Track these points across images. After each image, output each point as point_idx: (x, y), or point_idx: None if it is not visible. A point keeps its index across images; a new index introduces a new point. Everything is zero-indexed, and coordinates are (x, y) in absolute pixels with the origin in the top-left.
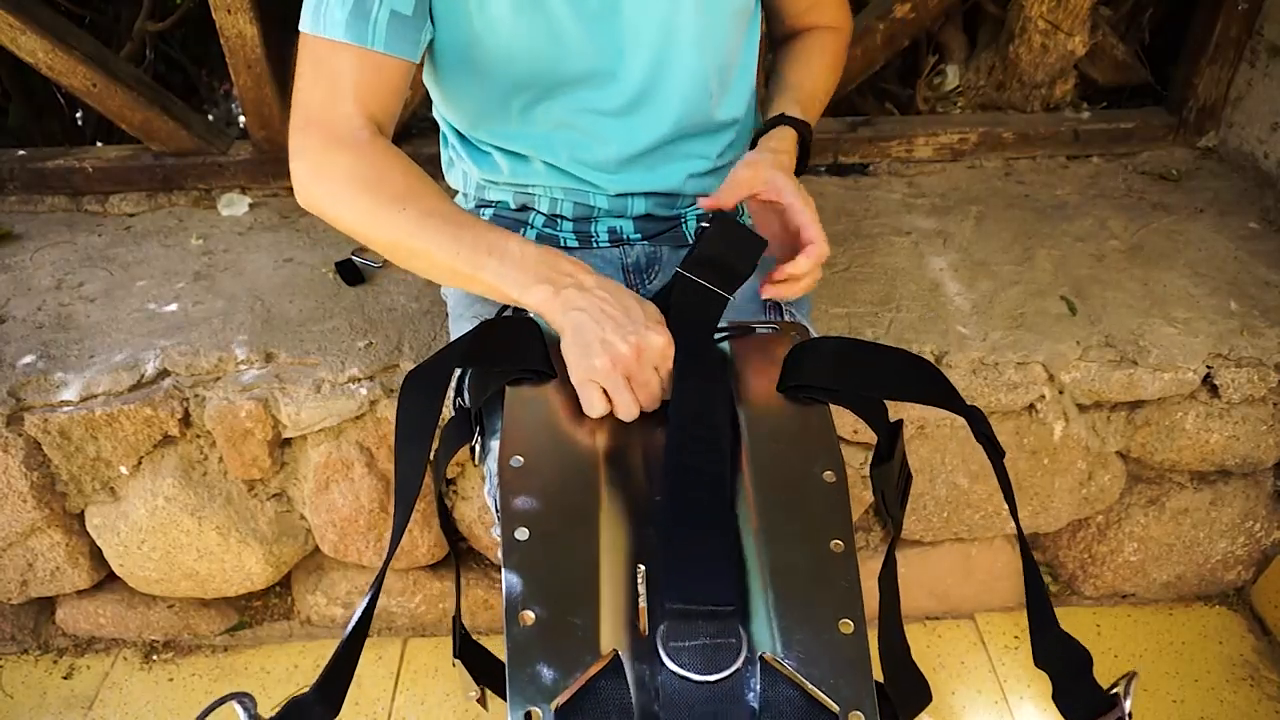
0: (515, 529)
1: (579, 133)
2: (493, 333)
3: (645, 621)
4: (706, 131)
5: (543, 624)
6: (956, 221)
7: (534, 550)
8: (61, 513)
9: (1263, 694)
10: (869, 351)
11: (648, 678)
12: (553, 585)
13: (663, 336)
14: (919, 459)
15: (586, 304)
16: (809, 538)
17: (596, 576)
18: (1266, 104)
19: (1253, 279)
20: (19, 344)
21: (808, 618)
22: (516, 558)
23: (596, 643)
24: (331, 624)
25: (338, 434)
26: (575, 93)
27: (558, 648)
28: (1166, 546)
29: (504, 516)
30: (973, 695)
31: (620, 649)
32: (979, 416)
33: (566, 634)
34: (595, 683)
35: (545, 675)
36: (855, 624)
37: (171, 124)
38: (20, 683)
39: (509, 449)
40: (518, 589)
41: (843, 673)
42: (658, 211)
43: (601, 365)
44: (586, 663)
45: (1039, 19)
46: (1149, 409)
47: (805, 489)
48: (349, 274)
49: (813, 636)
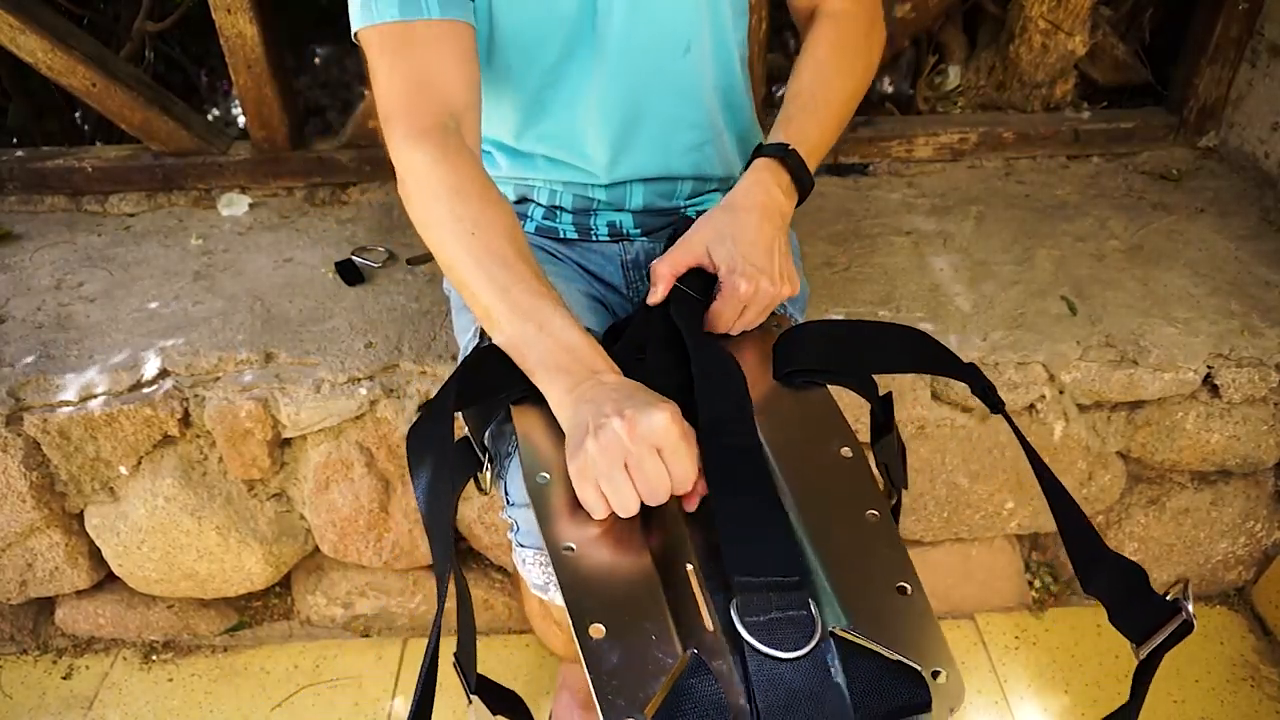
0: (561, 545)
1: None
2: (481, 365)
3: (708, 616)
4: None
5: (615, 635)
6: (956, 221)
7: (587, 562)
8: (61, 513)
9: (1263, 694)
10: (858, 329)
11: (726, 671)
12: (613, 594)
13: (664, 413)
14: (919, 459)
15: (595, 396)
16: (844, 512)
17: (655, 579)
18: (1267, 104)
19: (1253, 279)
20: (19, 344)
21: (866, 587)
22: (570, 573)
23: (673, 644)
24: (331, 624)
25: (338, 434)
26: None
27: (637, 656)
28: (1167, 546)
29: (546, 535)
30: (973, 695)
31: (697, 647)
32: (975, 373)
33: (641, 640)
34: (683, 683)
35: (631, 684)
36: (912, 586)
37: (171, 124)
38: (19, 683)
39: (532, 468)
40: (580, 603)
41: (915, 634)
42: (657, 203)
43: (591, 450)
44: (669, 665)
45: (1039, 19)
46: (1149, 409)
47: (826, 467)
48: (349, 274)
49: (876, 604)
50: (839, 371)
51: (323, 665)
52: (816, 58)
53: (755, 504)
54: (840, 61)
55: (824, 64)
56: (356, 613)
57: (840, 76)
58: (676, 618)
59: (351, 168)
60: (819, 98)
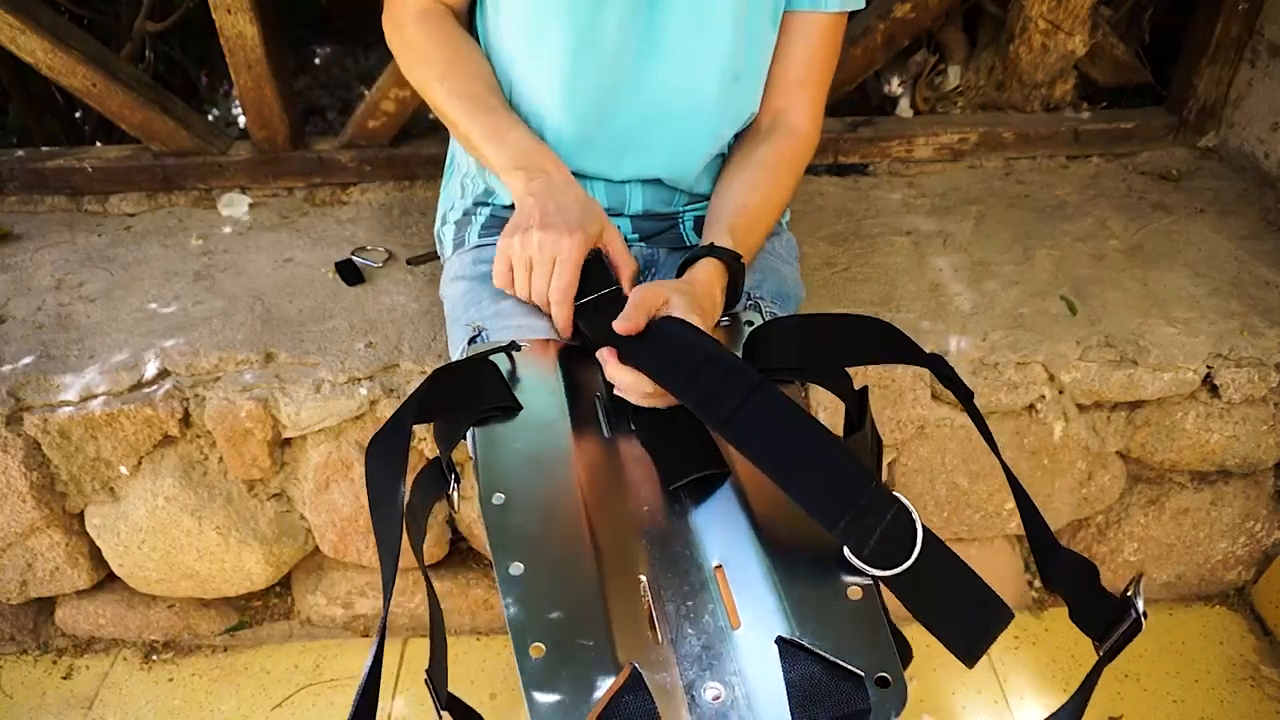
0: (509, 565)
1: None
2: (447, 380)
3: (658, 629)
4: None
5: (552, 653)
6: (956, 221)
7: (531, 582)
8: (61, 513)
9: (1263, 694)
10: (826, 324)
11: (670, 684)
12: (555, 613)
13: (573, 238)
14: (919, 459)
15: (539, 192)
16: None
17: (602, 594)
18: (1266, 104)
19: (1253, 279)
20: (19, 344)
21: (818, 591)
22: (516, 593)
23: (611, 661)
24: (331, 624)
25: (338, 434)
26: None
27: (571, 675)
28: (1167, 546)
29: (495, 554)
30: (972, 695)
31: (638, 661)
32: (940, 363)
33: (578, 658)
34: (619, 699)
35: (564, 704)
36: (863, 588)
37: (171, 124)
38: (20, 683)
39: (488, 488)
40: (521, 623)
41: (859, 639)
42: (656, 208)
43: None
44: (602, 684)
45: (1039, 19)
46: (1149, 409)
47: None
48: (349, 274)
49: (824, 608)
50: (811, 370)
51: (323, 665)
52: (773, 174)
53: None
54: (789, 182)
55: (778, 183)
56: (356, 613)
57: (782, 197)
58: (623, 632)
59: (351, 168)
60: (763, 220)
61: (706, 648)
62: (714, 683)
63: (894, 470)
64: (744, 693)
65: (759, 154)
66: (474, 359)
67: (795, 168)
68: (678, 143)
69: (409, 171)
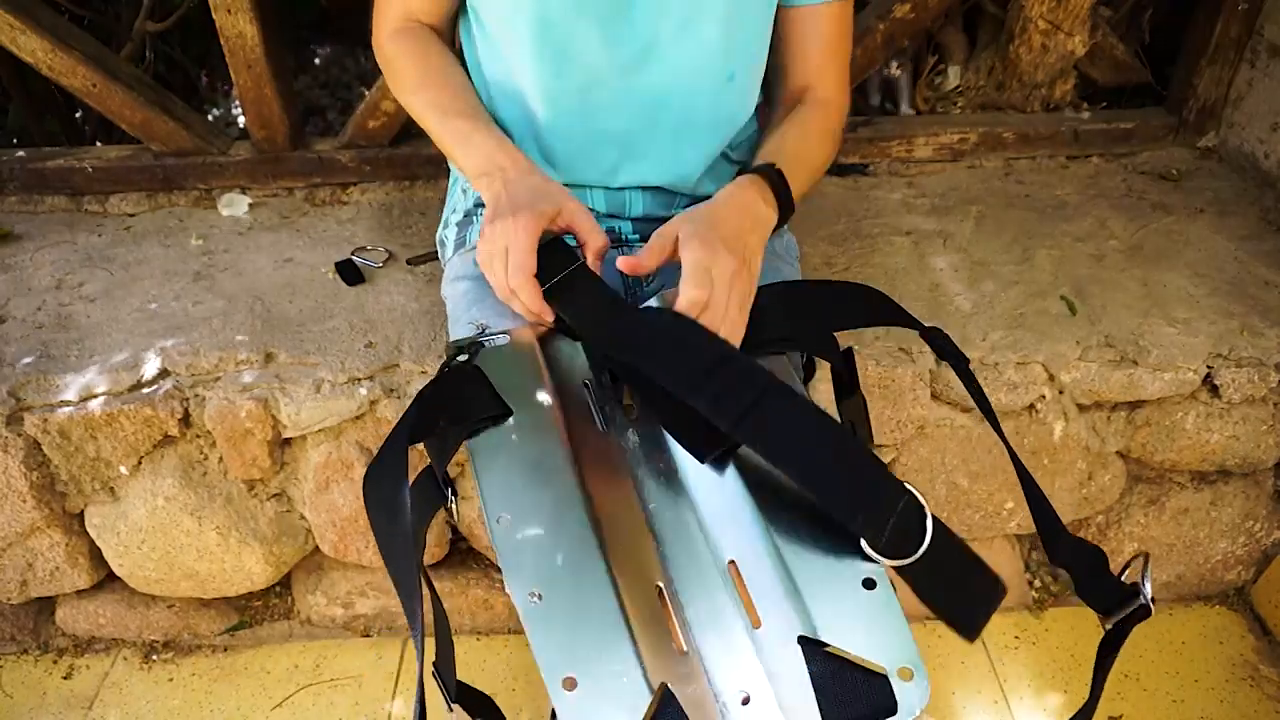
0: (526, 592)
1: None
2: (435, 396)
3: (679, 636)
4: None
5: (588, 685)
6: (956, 221)
7: (553, 609)
8: (61, 513)
9: (1263, 694)
10: (815, 290)
11: (699, 695)
12: (583, 641)
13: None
14: (919, 459)
15: (496, 190)
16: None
17: (622, 609)
18: (1266, 104)
19: (1253, 279)
20: (19, 344)
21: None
22: (539, 621)
23: (644, 682)
24: (331, 624)
25: (338, 434)
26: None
27: (610, 702)
28: (1166, 546)
29: (510, 580)
30: (973, 695)
31: (668, 679)
32: (938, 334)
33: (614, 686)
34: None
35: None
36: (878, 578)
37: (171, 124)
38: (20, 683)
39: (491, 506)
40: (552, 656)
41: (879, 632)
42: (655, 212)
43: (481, 245)
44: (642, 709)
45: (1039, 19)
46: (1149, 409)
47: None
48: (349, 274)
49: (843, 601)
50: (797, 339)
51: (323, 665)
52: (803, 132)
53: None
54: (825, 146)
55: (808, 140)
56: (356, 612)
57: (814, 154)
58: (649, 650)
59: (351, 168)
60: (802, 162)
61: (729, 652)
62: (741, 687)
63: (894, 470)
64: (772, 694)
65: (788, 120)
66: (460, 370)
67: (827, 134)
68: (674, 147)
69: (409, 171)
